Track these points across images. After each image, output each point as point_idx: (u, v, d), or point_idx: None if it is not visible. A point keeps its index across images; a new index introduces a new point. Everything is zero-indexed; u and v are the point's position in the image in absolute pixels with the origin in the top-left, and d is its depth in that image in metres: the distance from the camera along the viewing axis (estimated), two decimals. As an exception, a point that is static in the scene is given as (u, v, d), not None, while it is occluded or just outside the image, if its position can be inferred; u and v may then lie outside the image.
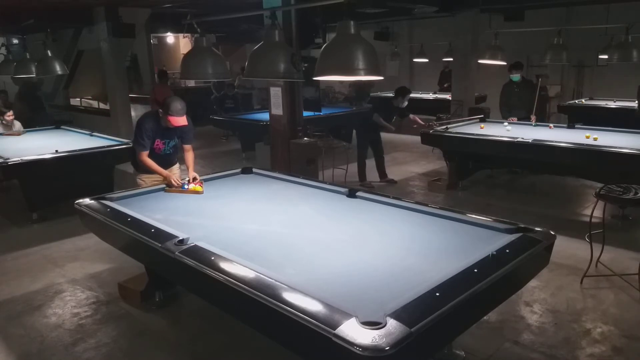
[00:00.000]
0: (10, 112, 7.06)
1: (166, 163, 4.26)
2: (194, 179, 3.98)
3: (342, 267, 2.46)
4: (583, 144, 5.27)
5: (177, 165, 4.50)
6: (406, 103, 7.02)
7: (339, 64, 2.49)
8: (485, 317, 3.21)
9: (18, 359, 3.12)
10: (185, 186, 3.86)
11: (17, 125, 7.13)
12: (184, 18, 4.09)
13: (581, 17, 9.97)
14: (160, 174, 4.08)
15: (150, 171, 4.17)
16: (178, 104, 3.95)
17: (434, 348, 2.28)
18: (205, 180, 4.13)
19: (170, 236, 2.72)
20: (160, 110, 4.04)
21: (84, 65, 11.85)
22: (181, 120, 3.98)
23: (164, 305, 3.68)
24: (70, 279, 4.20)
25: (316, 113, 7.54)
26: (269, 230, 3.03)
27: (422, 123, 7.16)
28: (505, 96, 7.33)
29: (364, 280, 2.31)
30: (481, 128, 6.66)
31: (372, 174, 7.25)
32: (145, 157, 4.10)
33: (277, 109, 6.00)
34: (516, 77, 7.10)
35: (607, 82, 10.39)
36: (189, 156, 4.30)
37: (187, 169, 4.20)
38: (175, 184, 3.89)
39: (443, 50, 11.57)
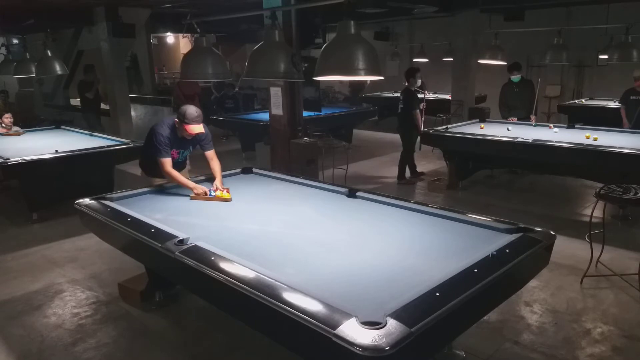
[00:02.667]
0: (9, 115, 7.05)
1: (176, 169, 4.15)
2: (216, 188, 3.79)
3: (342, 267, 2.46)
4: (583, 144, 5.27)
5: (186, 169, 4.42)
6: (420, 82, 7.17)
7: (339, 64, 2.49)
8: (485, 317, 3.21)
9: (18, 359, 3.12)
10: (212, 193, 3.66)
11: (16, 129, 7.13)
12: (184, 18, 4.09)
13: (581, 17, 9.97)
14: (186, 186, 3.76)
15: (160, 175, 3.97)
16: (194, 112, 3.77)
17: (434, 348, 2.28)
18: (206, 180, 4.12)
19: (170, 236, 2.72)
20: (176, 119, 3.86)
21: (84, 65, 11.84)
22: (197, 129, 3.80)
23: (164, 305, 3.68)
24: (70, 279, 4.20)
25: (316, 113, 7.56)
26: (269, 230, 3.03)
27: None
28: (505, 96, 7.33)
29: (364, 280, 2.31)
30: (481, 128, 6.66)
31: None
32: (169, 167, 3.81)
33: (277, 109, 6.00)
34: (516, 77, 7.14)
35: (607, 82, 10.40)
36: (215, 165, 4.02)
37: (215, 177, 3.94)
38: (202, 193, 3.67)
39: (443, 50, 11.57)
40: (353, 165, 7.13)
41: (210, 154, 4.07)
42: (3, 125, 6.94)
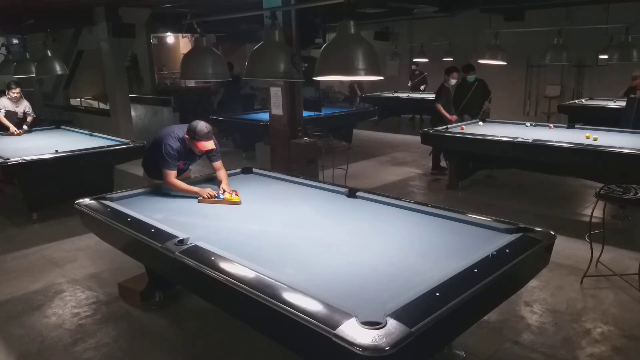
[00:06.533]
0: (18, 89, 7.09)
1: (179, 174, 4.03)
2: (224, 191, 3.72)
3: (342, 267, 2.46)
4: (583, 144, 5.27)
5: (189, 173, 4.37)
6: (454, 81, 7.52)
7: (339, 64, 2.49)
8: (485, 317, 3.21)
9: (18, 359, 3.12)
10: (221, 196, 3.61)
11: (25, 103, 7.23)
12: (184, 18, 4.08)
13: (581, 17, 9.98)
14: (191, 192, 3.72)
15: (163, 178, 3.89)
16: (204, 128, 3.68)
17: (434, 348, 2.28)
18: (206, 180, 4.12)
19: (170, 236, 2.72)
20: (186, 135, 3.76)
21: (84, 65, 11.84)
22: (209, 145, 3.73)
23: (164, 305, 3.68)
24: (70, 279, 4.20)
25: (316, 113, 7.55)
26: (269, 230, 3.03)
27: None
28: (458, 96, 7.65)
29: (364, 280, 2.31)
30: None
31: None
32: (172, 178, 3.74)
33: (277, 109, 6.00)
34: (472, 77, 7.56)
35: (607, 82, 10.40)
36: (222, 174, 3.93)
37: (221, 182, 3.85)
38: (208, 197, 3.63)
39: (443, 50, 11.58)
40: (353, 165, 7.13)
41: (218, 164, 3.98)
42: (9, 96, 7.02)
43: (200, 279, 2.45)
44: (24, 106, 7.22)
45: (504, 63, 7.37)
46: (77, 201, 3.51)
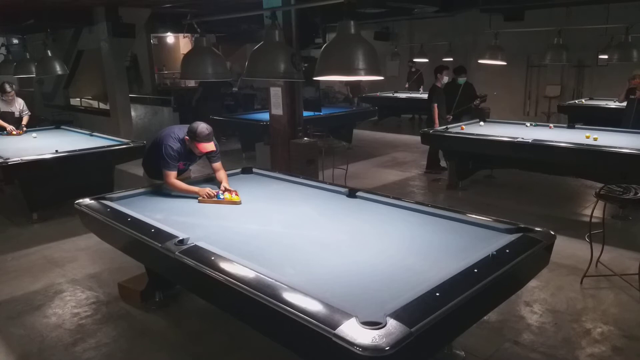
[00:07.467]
0: (12, 92, 7.10)
1: (179, 175, 4.02)
2: (226, 190, 3.72)
3: (342, 267, 2.46)
4: (583, 144, 5.27)
5: (188, 171, 4.35)
6: (446, 79, 7.45)
7: (339, 64, 2.49)
8: (485, 317, 3.21)
9: (18, 359, 3.12)
10: (221, 196, 3.60)
11: (20, 102, 7.22)
12: (184, 18, 4.08)
13: (581, 17, 9.98)
14: (191, 192, 3.71)
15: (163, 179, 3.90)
16: (205, 130, 3.67)
17: (434, 348, 2.28)
18: (206, 180, 4.12)
19: (170, 236, 2.72)
20: (187, 137, 3.75)
21: (84, 65, 11.84)
22: (209, 147, 3.74)
23: (164, 305, 3.68)
24: (70, 279, 4.20)
25: (316, 113, 7.56)
26: (269, 230, 3.03)
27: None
28: (451, 97, 7.60)
29: (364, 280, 2.31)
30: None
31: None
32: (172, 179, 3.73)
33: (277, 109, 6.00)
34: (462, 80, 7.54)
35: (607, 82, 10.40)
36: (222, 175, 3.93)
37: (220, 183, 3.85)
38: (208, 197, 3.62)
39: (443, 50, 11.58)
40: (353, 165, 7.13)
41: (218, 165, 3.98)
42: (4, 98, 7.02)
43: (200, 279, 2.45)
44: (19, 105, 7.21)
45: (504, 63, 7.37)
46: (77, 201, 3.51)
